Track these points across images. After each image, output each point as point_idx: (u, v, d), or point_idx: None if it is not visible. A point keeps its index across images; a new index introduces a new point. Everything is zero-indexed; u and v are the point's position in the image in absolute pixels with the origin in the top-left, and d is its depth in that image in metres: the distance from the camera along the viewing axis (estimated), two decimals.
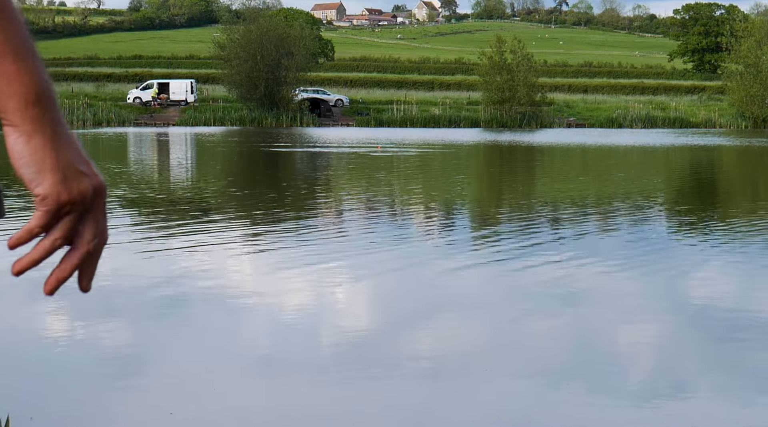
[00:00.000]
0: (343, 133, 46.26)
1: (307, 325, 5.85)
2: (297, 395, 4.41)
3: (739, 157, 29.67)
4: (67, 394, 4.29)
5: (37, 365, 4.73)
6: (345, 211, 12.54)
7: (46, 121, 1.01)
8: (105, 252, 1.10)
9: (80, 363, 4.82)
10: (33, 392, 4.26)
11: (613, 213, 12.48)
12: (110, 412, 4.16)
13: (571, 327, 5.89)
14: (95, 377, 4.63)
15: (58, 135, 1.01)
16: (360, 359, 5.05)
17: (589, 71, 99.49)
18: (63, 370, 4.67)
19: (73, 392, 4.36)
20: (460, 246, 9.17)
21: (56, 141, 1.01)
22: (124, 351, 5.15)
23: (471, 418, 4.10)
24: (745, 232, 10.26)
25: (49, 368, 4.67)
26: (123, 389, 4.47)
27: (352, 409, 4.24)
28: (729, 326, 5.90)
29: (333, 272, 7.65)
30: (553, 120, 61.76)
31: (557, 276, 7.53)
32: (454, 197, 15.34)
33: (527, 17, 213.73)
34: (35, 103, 1.00)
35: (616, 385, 4.63)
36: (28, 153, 1.01)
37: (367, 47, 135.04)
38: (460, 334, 5.70)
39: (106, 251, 1.13)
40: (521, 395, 4.47)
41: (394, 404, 4.30)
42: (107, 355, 5.03)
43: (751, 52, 64.64)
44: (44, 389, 4.30)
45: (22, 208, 10.88)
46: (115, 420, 4.07)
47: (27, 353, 4.99)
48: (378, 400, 4.38)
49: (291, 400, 4.33)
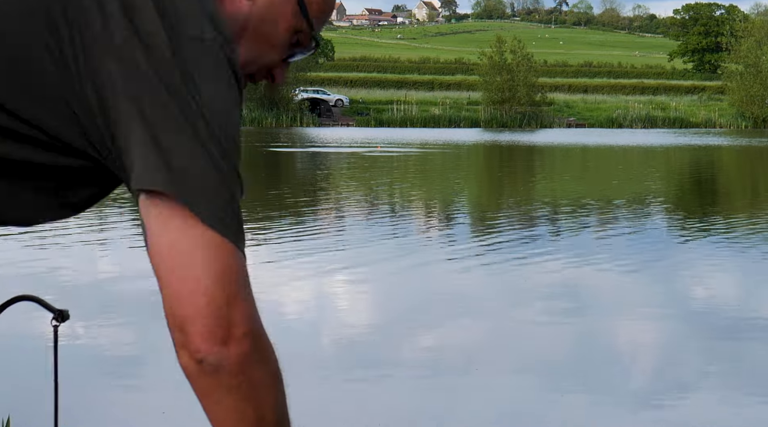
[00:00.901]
0: (342, 133, 46.25)
1: (306, 324, 5.85)
2: (297, 394, 4.40)
3: (739, 157, 29.66)
4: (67, 394, 4.28)
5: (37, 365, 4.73)
6: (344, 211, 12.54)
7: None
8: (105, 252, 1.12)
9: (80, 363, 4.81)
10: (33, 392, 4.25)
11: (613, 213, 12.47)
12: (110, 412, 4.16)
13: (570, 327, 5.89)
14: (95, 377, 4.63)
15: None
16: (360, 359, 5.05)
17: (589, 71, 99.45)
18: (63, 370, 4.66)
19: (73, 392, 4.35)
20: (460, 246, 9.16)
21: None
22: (124, 351, 5.15)
23: (471, 418, 4.10)
24: (745, 232, 10.26)
25: (49, 367, 4.66)
26: (123, 389, 4.47)
27: (352, 409, 4.23)
28: (729, 326, 5.90)
29: (332, 271, 7.65)
30: (553, 120, 61.74)
31: (557, 276, 7.53)
32: (454, 197, 15.34)
33: (527, 17, 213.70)
34: None
35: (616, 385, 4.63)
36: None
37: (367, 47, 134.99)
38: (460, 334, 5.70)
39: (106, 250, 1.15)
40: (521, 395, 4.47)
41: (394, 404, 4.30)
42: (107, 355, 5.03)
43: (751, 52, 64.64)
44: (44, 389, 4.29)
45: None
46: (116, 420, 4.07)
47: (27, 354, 4.99)
48: (378, 400, 4.38)
49: (289, 399, 4.32)
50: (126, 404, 4.26)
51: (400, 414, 4.18)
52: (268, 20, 1.25)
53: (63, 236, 9.10)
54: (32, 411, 3.95)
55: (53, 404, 1.45)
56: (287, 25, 1.26)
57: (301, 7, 1.27)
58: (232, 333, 1.04)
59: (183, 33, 1.09)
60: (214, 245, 1.05)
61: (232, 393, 1.07)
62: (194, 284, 1.04)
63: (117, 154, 1.09)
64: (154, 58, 1.07)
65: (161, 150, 1.06)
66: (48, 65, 1.09)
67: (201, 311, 1.04)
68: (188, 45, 1.09)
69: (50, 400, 1.64)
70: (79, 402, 4.25)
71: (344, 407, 4.26)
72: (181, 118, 1.06)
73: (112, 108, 1.07)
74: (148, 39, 1.08)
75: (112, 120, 1.08)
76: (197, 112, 1.07)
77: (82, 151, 1.12)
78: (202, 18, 1.12)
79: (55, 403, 1.43)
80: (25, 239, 8.76)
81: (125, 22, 1.08)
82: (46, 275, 7.11)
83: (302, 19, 1.27)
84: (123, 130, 1.07)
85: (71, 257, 8.01)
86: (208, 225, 1.05)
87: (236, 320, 1.05)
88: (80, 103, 1.09)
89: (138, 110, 1.06)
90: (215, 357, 1.04)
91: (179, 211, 1.06)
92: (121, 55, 1.08)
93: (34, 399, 4.14)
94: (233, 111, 1.11)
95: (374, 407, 4.27)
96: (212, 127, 1.07)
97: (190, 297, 1.04)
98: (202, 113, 1.07)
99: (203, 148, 1.06)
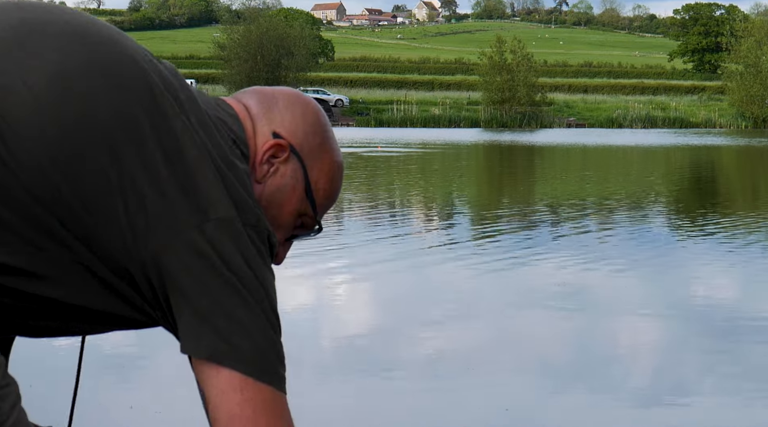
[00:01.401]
0: (342, 133, 46.26)
1: (306, 324, 5.85)
2: (296, 395, 4.40)
3: (739, 157, 29.67)
4: (67, 394, 4.28)
5: (37, 364, 4.73)
6: (344, 211, 12.54)
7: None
8: None
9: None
10: (33, 392, 4.25)
11: (613, 213, 12.48)
12: (110, 412, 4.16)
13: (570, 327, 5.89)
14: (96, 377, 4.63)
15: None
16: (360, 359, 5.05)
17: (589, 71, 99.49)
18: (63, 370, 4.66)
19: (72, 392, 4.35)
20: (460, 245, 9.16)
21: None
22: (124, 351, 5.15)
23: (471, 418, 4.10)
24: (745, 232, 10.26)
25: (49, 368, 4.67)
26: (123, 388, 4.47)
27: (351, 409, 4.23)
28: (729, 325, 5.90)
29: (332, 271, 7.65)
30: (553, 120, 61.76)
31: (557, 276, 7.53)
32: (454, 197, 15.35)
33: (527, 17, 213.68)
34: None
35: (616, 385, 4.63)
36: None
37: (367, 47, 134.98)
38: (459, 334, 5.70)
39: None
40: (521, 395, 4.47)
41: (394, 404, 4.30)
42: (107, 355, 5.03)
43: (751, 52, 64.66)
44: (45, 389, 4.29)
45: None
46: (116, 420, 4.07)
47: (27, 353, 4.99)
48: (378, 400, 4.38)
49: (290, 399, 4.32)
50: (132, 404, 4.26)
51: (400, 414, 4.18)
52: (274, 204, 1.32)
53: None
54: (32, 411, 3.95)
55: (70, 410, 1.46)
56: (292, 209, 1.35)
57: (308, 194, 1.36)
58: None
59: (247, 224, 1.22)
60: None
61: None
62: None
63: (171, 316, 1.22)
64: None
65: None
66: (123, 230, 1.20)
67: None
68: (251, 233, 1.22)
69: (51, 400, 1.64)
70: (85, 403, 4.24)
71: (344, 406, 4.26)
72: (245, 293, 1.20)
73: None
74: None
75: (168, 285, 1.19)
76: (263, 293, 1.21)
77: (141, 307, 1.26)
78: (256, 209, 1.24)
79: (72, 410, 1.45)
80: None
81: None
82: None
83: (308, 204, 1.36)
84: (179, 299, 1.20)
85: None
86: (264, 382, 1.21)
87: None
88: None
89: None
90: None
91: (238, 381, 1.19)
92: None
93: (35, 399, 4.14)
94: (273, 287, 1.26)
95: (374, 407, 4.27)
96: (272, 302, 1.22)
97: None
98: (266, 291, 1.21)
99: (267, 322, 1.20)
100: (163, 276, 1.17)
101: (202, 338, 1.16)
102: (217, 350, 1.16)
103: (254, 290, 1.19)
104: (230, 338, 1.16)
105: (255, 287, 1.19)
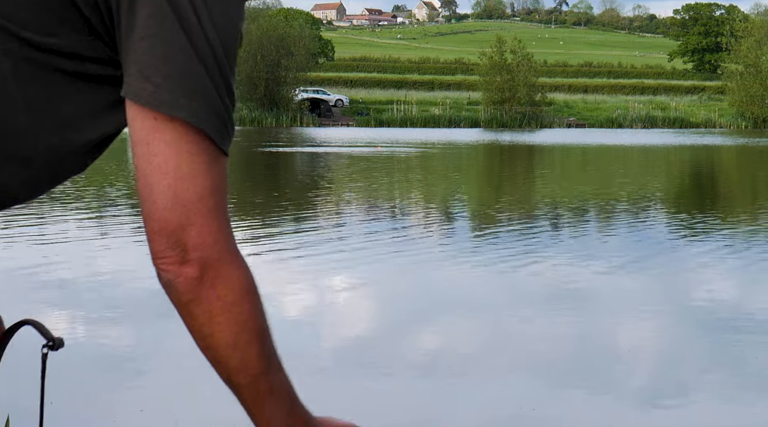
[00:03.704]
0: (343, 133, 46.26)
1: (306, 324, 5.85)
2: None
3: (739, 157, 29.67)
4: (68, 394, 4.28)
5: (36, 365, 4.73)
6: (345, 211, 12.54)
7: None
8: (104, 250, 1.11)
9: (80, 363, 4.81)
10: (33, 392, 4.24)
11: (613, 213, 12.48)
12: (111, 412, 4.16)
13: (570, 327, 5.89)
14: (96, 377, 4.63)
15: None
16: (359, 359, 5.05)
17: (589, 71, 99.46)
18: (64, 370, 4.67)
19: (73, 392, 4.35)
20: (459, 246, 9.16)
21: None
22: (124, 351, 5.15)
23: (470, 418, 4.10)
24: (745, 232, 10.26)
25: (49, 368, 4.67)
26: (123, 388, 4.47)
27: (351, 409, 4.23)
28: (729, 325, 5.90)
29: (332, 271, 7.65)
30: (553, 120, 61.80)
31: (557, 275, 7.53)
32: (454, 197, 15.35)
33: (527, 17, 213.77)
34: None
35: (616, 385, 4.63)
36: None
37: (367, 47, 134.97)
38: (459, 333, 5.70)
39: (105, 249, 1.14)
40: (521, 395, 4.47)
41: (394, 404, 4.30)
42: (107, 355, 5.03)
43: (751, 52, 64.70)
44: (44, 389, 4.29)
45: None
46: (116, 420, 4.07)
47: (27, 354, 4.99)
48: (378, 400, 4.38)
49: None
50: (132, 404, 4.26)
51: (401, 414, 4.18)
52: None
53: (63, 236, 9.10)
54: (32, 411, 3.95)
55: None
56: None
57: None
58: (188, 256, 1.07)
59: None
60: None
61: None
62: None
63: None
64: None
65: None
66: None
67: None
68: None
69: (51, 400, 1.63)
70: (85, 403, 4.25)
71: (343, 407, 4.26)
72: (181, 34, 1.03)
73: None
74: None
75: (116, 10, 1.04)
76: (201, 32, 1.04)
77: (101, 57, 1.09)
78: None
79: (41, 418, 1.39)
80: (25, 240, 8.77)
81: None
82: (45, 274, 7.11)
83: None
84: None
85: (67, 254, 8.01)
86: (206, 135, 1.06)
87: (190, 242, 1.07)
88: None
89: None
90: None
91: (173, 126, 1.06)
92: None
93: (34, 399, 4.14)
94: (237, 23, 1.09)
95: (374, 407, 4.27)
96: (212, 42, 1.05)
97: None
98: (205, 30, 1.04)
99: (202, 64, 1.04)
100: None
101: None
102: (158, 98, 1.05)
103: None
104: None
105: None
